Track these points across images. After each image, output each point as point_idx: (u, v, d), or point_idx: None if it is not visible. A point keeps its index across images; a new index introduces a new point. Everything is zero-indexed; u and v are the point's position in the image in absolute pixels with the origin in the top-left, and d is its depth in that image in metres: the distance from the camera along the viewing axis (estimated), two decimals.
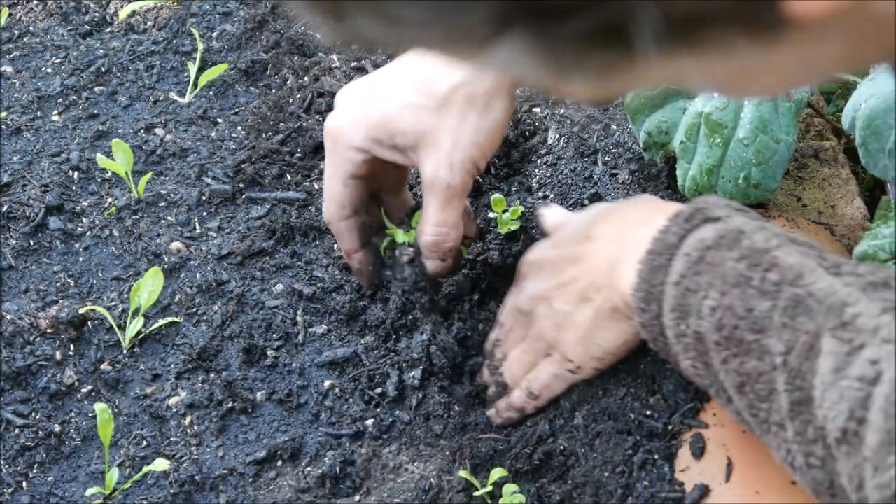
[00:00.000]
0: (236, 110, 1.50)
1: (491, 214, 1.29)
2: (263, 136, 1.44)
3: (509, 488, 1.05)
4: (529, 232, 1.28)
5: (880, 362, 0.79)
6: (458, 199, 1.07)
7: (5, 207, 1.36)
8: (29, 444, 1.14)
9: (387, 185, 1.19)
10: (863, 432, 0.79)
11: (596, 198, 1.32)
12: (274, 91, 1.50)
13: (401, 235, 1.14)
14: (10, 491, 1.11)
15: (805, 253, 0.90)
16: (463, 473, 1.06)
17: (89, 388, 1.19)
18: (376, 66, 1.51)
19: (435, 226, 1.08)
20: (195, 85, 1.51)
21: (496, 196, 1.28)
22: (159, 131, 1.47)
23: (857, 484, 0.80)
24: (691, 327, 0.92)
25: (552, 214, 1.16)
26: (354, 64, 1.51)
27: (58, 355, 1.21)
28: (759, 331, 0.87)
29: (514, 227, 1.27)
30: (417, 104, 1.05)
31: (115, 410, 1.17)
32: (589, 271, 1.04)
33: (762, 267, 0.89)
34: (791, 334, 0.85)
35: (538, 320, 1.09)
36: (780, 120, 1.24)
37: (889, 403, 0.77)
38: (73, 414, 1.17)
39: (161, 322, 1.24)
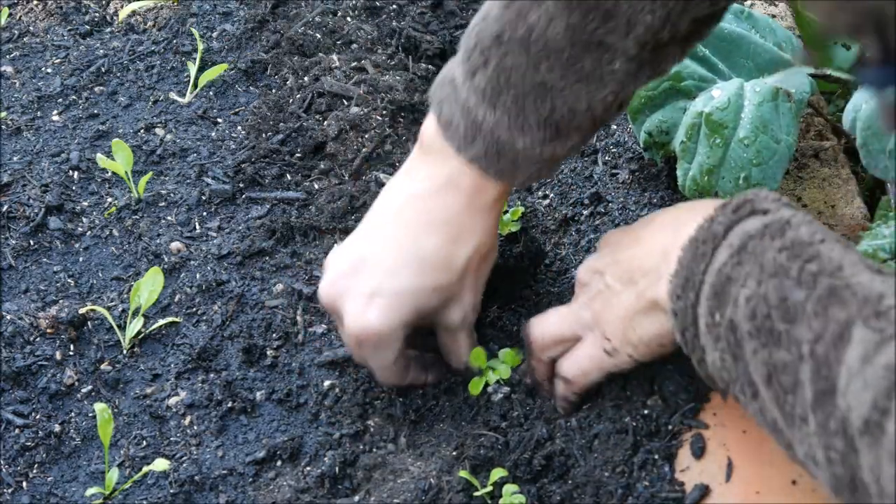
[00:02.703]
0: (236, 110, 1.50)
1: None
2: (263, 136, 1.44)
3: (509, 488, 1.05)
4: (530, 233, 1.28)
5: None
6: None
7: (5, 207, 1.36)
8: (29, 444, 1.14)
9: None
10: (886, 423, 0.77)
11: (596, 197, 1.32)
12: (274, 91, 1.51)
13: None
14: (10, 491, 1.11)
15: (848, 248, 0.89)
16: (463, 473, 1.06)
17: (89, 388, 1.19)
18: (376, 65, 1.51)
19: (469, 353, 1.17)
20: (195, 85, 1.51)
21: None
22: (159, 131, 1.47)
23: (878, 476, 0.79)
24: (726, 316, 0.92)
25: None
26: (354, 64, 1.51)
27: (58, 355, 1.21)
28: (790, 320, 0.87)
29: (515, 228, 1.27)
30: (443, 285, 1.11)
31: (115, 410, 1.17)
32: (641, 255, 1.04)
33: (803, 258, 0.88)
34: (822, 324, 0.84)
35: (590, 292, 1.08)
36: (781, 120, 1.24)
37: None
38: (73, 414, 1.17)
39: (161, 322, 1.24)
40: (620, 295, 1.04)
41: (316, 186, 1.38)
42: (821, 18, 0.78)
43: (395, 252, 1.11)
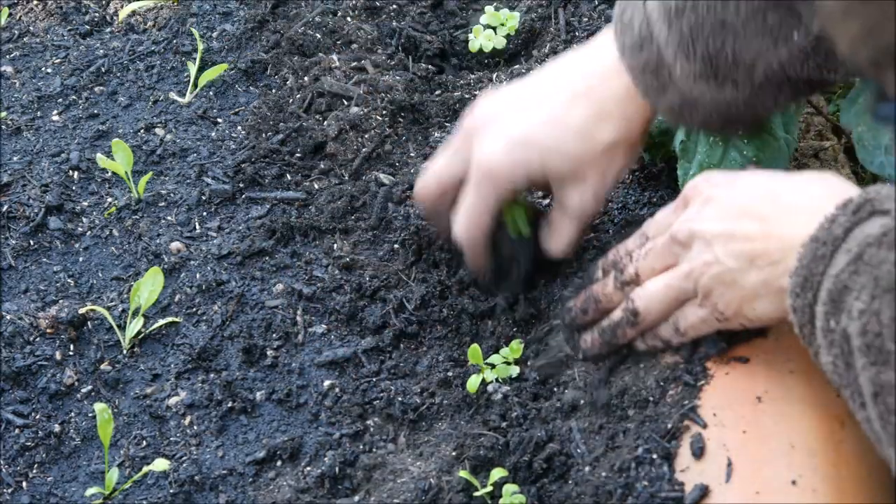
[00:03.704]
0: (236, 110, 1.50)
1: None
2: (263, 136, 1.44)
3: (509, 488, 1.05)
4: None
5: None
6: (589, 224, 1.23)
7: (5, 207, 1.36)
8: (29, 444, 1.14)
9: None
10: None
11: None
12: (274, 91, 1.51)
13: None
14: (10, 491, 1.11)
15: None
16: (463, 473, 1.06)
17: (89, 388, 1.19)
18: (376, 65, 1.51)
19: (569, 243, 1.22)
20: (195, 85, 1.51)
21: (514, 202, 1.28)
22: (159, 131, 1.47)
23: None
24: (840, 325, 0.91)
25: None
26: (354, 64, 1.51)
27: (58, 355, 1.21)
28: None
29: (526, 232, 1.27)
30: (576, 154, 1.16)
31: (115, 410, 1.17)
32: (768, 237, 1.01)
33: None
34: None
35: (694, 260, 1.05)
36: (780, 118, 1.24)
37: None
38: (73, 414, 1.17)
39: (161, 322, 1.24)
40: (740, 275, 1.02)
41: (316, 186, 1.38)
42: (843, 50, 0.78)
43: (545, 111, 1.17)
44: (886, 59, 0.75)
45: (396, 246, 1.30)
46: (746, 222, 1.03)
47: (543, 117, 1.16)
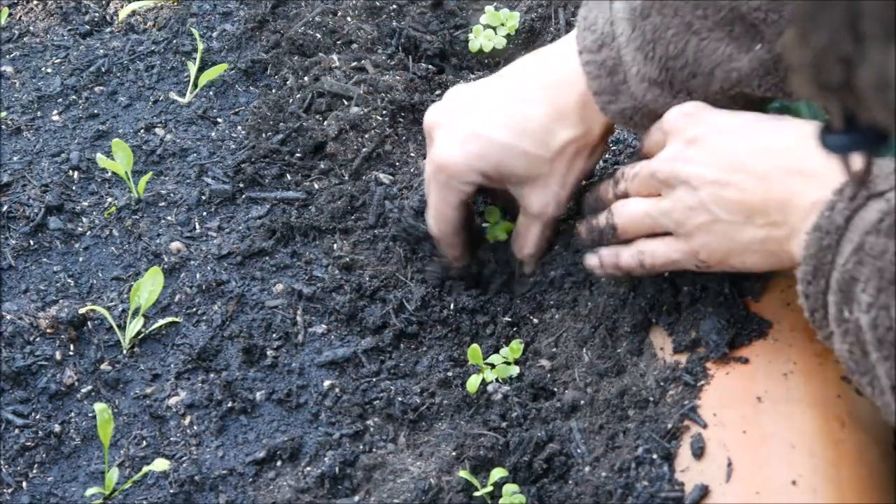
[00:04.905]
0: (236, 110, 1.50)
1: (484, 224, 1.30)
2: (263, 136, 1.44)
3: (509, 488, 1.05)
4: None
5: None
6: (554, 227, 1.22)
7: (5, 207, 1.36)
8: (29, 444, 1.14)
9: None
10: None
11: None
12: (274, 91, 1.50)
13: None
14: (10, 491, 1.11)
15: None
16: (463, 473, 1.06)
17: (89, 388, 1.19)
18: (376, 65, 1.51)
19: (536, 247, 1.23)
20: (195, 85, 1.51)
21: (490, 207, 1.28)
22: (159, 131, 1.47)
23: None
24: (853, 315, 0.91)
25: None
26: (354, 64, 1.51)
27: (58, 355, 1.21)
28: None
29: (503, 237, 1.27)
30: (532, 154, 1.16)
31: (115, 410, 1.17)
32: (766, 196, 1.00)
33: None
34: None
35: (678, 201, 1.05)
36: (809, 111, 1.24)
37: None
38: (73, 414, 1.17)
39: (161, 322, 1.24)
40: (729, 227, 1.02)
41: (316, 186, 1.38)
42: (796, 76, 0.79)
43: (503, 110, 1.17)
44: (830, 89, 0.75)
45: (391, 244, 1.30)
46: (742, 176, 1.01)
47: (500, 116, 1.16)
